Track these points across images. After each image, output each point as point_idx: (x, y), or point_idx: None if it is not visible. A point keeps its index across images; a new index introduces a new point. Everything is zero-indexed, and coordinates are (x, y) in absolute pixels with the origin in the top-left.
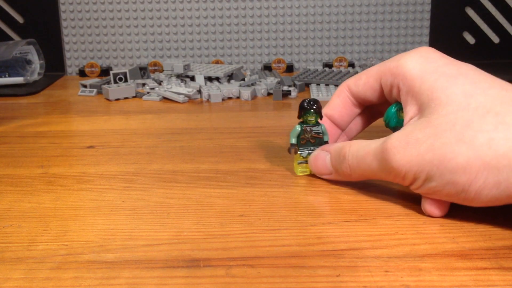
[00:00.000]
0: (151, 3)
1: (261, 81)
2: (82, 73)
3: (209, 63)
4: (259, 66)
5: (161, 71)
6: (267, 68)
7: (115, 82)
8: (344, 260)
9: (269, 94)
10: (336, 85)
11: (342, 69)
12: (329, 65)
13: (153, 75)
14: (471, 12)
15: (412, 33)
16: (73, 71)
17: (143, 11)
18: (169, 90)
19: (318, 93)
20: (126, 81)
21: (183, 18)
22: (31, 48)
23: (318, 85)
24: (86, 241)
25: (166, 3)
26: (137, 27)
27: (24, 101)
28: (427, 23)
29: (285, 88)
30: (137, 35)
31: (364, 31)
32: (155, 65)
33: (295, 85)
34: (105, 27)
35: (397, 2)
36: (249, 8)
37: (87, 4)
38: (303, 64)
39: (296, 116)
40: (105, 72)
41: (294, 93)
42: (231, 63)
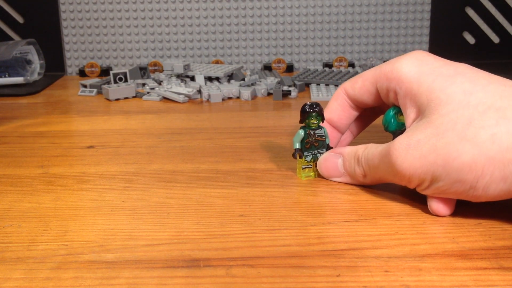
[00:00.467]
0: (151, 3)
1: (261, 81)
2: (82, 73)
3: (209, 63)
4: (259, 66)
5: (161, 71)
6: (267, 68)
7: (115, 82)
8: (344, 260)
9: (269, 94)
10: (336, 85)
11: (342, 69)
12: (329, 65)
13: (153, 75)
14: (471, 12)
15: (412, 33)
16: (73, 71)
17: (143, 11)
18: (169, 90)
19: (318, 93)
20: (126, 81)
21: (183, 18)
22: (31, 48)
23: (318, 85)
24: (86, 241)
25: (166, 3)
26: (137, 27)
27: (24, 101)
28: (427, 23)
29: (285, 88)
30: (137, 35)
31: (364, 31)
32: (155, 65)
33: (295, 85)
34: (105, 27)
35: (397, 2)
36: (249, 8)
37: (87, 4)
38: (303, 64)
39: (296, 116)
40: (105, 72)
41: (294, 93)
42: (231, 63)
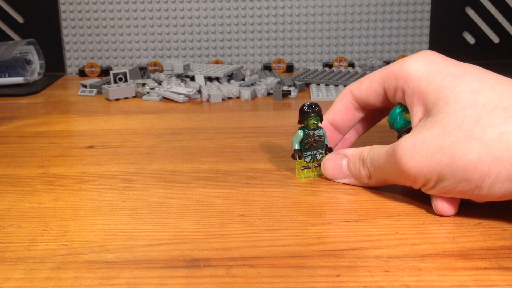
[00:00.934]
0: (151, 3)
1: (261, 81)
2: (82, 73)
3: (209, 63)
4: (259, 66)
5: (161, 71)
6: (267, 68)
7: (115, 82)
8: (344, 260)
9: (269, 94)
10: (336, 85)
11: (342, 69)
12: (329, 65)
13: (153, 75)
14: (471, 12)
15: (412, 33)
16: (73, 71)
17: (143, 11)
18: (169, 90)
19: (318, 93)
20: (126, 81)
21: (183, 18)
22: (31, 48)
23: (318, 85)
24: (86, 241)
25: (166, 3)
26: (137, 27)
27: (24, 101)
28: (427, 23)
29: (285, 88)
30: (137, 35)
31: (364, 31)
32: (155, 65)
33: (295, 85)
34: (105, 27)
35: (397, 2)
36: (249, 8)
37: (87, 4)
38: (303, 64)
39: (296, 116)
40: (105, 72)
41: (294, 93)
42: (231, 63)
